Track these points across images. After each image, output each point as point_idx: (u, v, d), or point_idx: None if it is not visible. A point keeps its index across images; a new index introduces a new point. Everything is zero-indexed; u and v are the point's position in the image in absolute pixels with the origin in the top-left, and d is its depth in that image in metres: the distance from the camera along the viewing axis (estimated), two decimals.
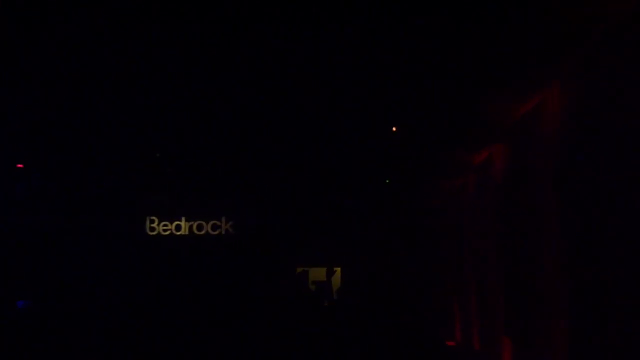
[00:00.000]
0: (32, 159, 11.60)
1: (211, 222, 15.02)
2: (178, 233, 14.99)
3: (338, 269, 15.02)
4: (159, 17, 5.98)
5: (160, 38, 6.34)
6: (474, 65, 6.83)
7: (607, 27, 5.44)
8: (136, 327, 12.73)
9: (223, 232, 14.93)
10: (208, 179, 13.35)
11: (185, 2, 5.72)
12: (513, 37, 6.04)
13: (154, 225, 15.02)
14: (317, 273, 14.51)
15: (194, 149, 11.15)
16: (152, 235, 14.96)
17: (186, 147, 11.04)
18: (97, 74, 7.27)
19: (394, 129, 9.44)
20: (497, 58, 6.55)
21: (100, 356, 11.71)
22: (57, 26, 6.17)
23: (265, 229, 14.98)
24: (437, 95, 7.92)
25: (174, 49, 6.61)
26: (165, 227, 15.02)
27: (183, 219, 15.05)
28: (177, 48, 6.59)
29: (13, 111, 8.72)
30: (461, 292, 12.76)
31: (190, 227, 15.00)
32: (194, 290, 14.32)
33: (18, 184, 12.94)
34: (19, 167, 11.94)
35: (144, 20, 6.02)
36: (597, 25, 5.51)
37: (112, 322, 12.98)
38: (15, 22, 6.08)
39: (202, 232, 14.96)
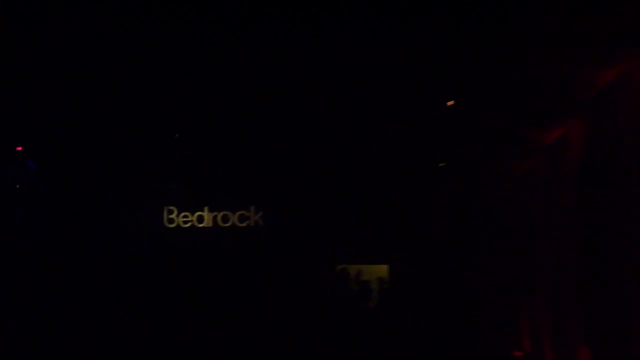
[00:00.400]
0: (43, 147, 12.11)
1: (238, 213, 14.89)
2: (200, 225, 14.89)
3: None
4: None
5: (180, 20, 6.81)
6: (543, 25, 6.69)
7: None
8: (148, 328, 13.34)
9: (252, 224, 14.80)
10: (235, 164, 13.34)
11: None
12: None
13: (173, 216, 14.92)
14: (361, 271, 14.54)
15: (219, 129, 11.24)
16: (171, 228, 14.87)
17: (209, 127, 11.13)
18: (116, 57, 7.90)
19: (449, 103, 9.34)
20: (574, 16, 6.38)
21: (112, 355, 12.32)
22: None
23: (301, 221, 14.82)
24: (499, 61, 7.75)
25: (194, 29, 7.10)
26: (185, 219, 14.92)
27: (206, 209, 14.94)
28: (197, 28, 7.07)
29: (31, 95, 9.35)
30: (530, 295, 12.54)
31: (215, 219, 14.88)
32: (219, 290, 14.38)
33: (28, 175, 13.32)
34: (18, 150, 12.17)
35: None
36: None
37: (126, 321, 13.57)
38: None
39: (228, 224, 14.85)
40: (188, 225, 14.86)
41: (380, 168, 13.40)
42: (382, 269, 14.97)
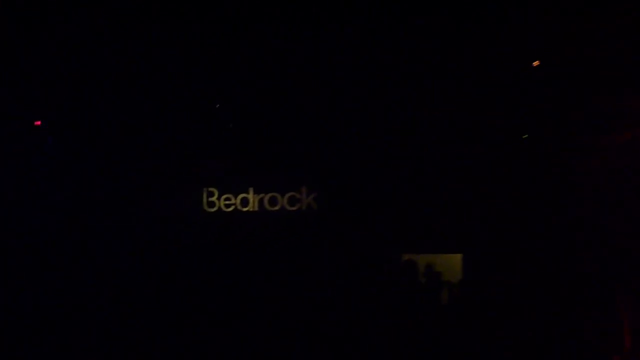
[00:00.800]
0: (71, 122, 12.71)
1: (288, 195, 14.54)
2: (245, 209, 14.61)
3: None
4: None
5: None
6: None
7: None
8: (189, 323, 13.37)
9: (304, 208, 14.44)
10: (283, 138, 13.45)
11: None
12: None
13: (213, 199, 14.66)
14: (432, 262, 14.03)
15: (264, 97, 11.58)
16: (211, 212, 14.63)
17: (254, 95, 11.52)
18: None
19: (535, 63, 9.65)
20: None
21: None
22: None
23: (360, 203, 14.25)
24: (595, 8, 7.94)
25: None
26: (228, 202, 14.65)
27: (251, 190, 14.63)
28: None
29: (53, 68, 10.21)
30: (633, 289, 12.23)
31: (261, 202, 14.58)
32: (265, 281, 14.04)
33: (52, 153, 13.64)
34: (37, 125, 12.73)
35: None
36: None
37: (163, 316, 13.55)
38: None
39: (277, 208, 14.55)
40: (231, 209, 14.62)
41: (454, 141, 13.23)
42: (456, 260, 14.42)
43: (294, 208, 14.46)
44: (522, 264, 13.99)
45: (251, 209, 14.56)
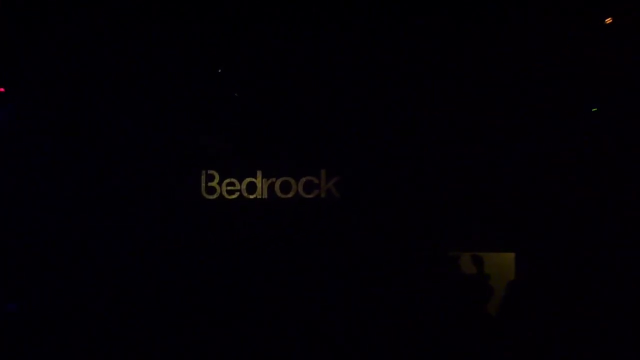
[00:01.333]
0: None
1: (303, 180, 14.06)
2: (251, 196, 14.22)
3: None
4: None
5: None
6: None
7: None
8: (181, 325, 12.97)
9: (323, 195, 13.97)
10: (298, 112, 13.10)
11: None
12: None
13: (213, 184, 14.22)
14: (479, 261, 13.00)
15: (277, 66, 11.57)
16: (211, 199, 14.21)
17: (262, 63, 11.51)
18: None
19: (607, 20, 9.45)
20: None
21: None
22: None
23: (392, 190, 13.67)
24: None
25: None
26: (231, 188, 14.25)
27: (259, 174, 14.20)
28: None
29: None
30: None
31: (271, 187, 14.14)
32: (277, 282, 13.43)
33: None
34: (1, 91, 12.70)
35: None
36: None
37: (156, 316, 13.19)
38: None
39: (290, 195, 14.10)
40: (234, 196, 14.20)
41: (500, 119, 12.77)
42: (508, 259, 13.68)
43: (310, 195, 14.02)
44: (583, 268, 13.12)
45: (259, 196, 14.14)
